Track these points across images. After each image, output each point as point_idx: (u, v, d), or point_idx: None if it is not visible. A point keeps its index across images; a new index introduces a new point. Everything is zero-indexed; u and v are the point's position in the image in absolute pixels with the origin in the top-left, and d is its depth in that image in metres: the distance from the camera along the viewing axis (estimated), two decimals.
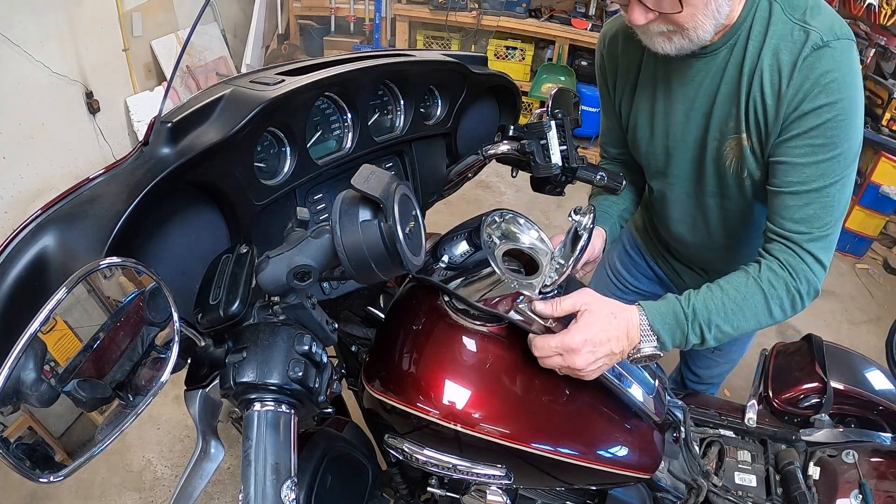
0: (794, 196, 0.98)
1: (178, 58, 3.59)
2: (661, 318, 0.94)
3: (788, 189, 0.99)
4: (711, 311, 0.95)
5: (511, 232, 0.97)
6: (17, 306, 0.59)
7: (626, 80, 1.19)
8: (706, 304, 0.95)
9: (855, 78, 0.93)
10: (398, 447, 0.96)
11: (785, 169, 0.99)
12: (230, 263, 0.71)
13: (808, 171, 0.96)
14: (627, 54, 1.17)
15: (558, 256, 0.91)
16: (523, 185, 2.64)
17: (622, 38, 1.17)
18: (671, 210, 1.28)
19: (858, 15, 3.46)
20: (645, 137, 1.20)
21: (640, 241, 1.56)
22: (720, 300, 0.96)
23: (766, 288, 0.97)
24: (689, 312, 0.95)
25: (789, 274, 0.98)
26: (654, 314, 0.94)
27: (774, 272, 0.98)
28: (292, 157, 0.92)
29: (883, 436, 1.22)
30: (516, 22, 3.90)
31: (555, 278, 0.89)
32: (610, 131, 1.33)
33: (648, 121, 1.17)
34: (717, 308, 0.95)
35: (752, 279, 0.98)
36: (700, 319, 0.95)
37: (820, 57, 0.92)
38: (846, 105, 0.92)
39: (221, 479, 1.96)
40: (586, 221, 0.86)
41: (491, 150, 1.18)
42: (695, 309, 0.95)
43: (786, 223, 0.99)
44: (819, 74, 0.92)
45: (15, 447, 0.54)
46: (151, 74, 3.42)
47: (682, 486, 1.11)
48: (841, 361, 1.37)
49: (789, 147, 0.98)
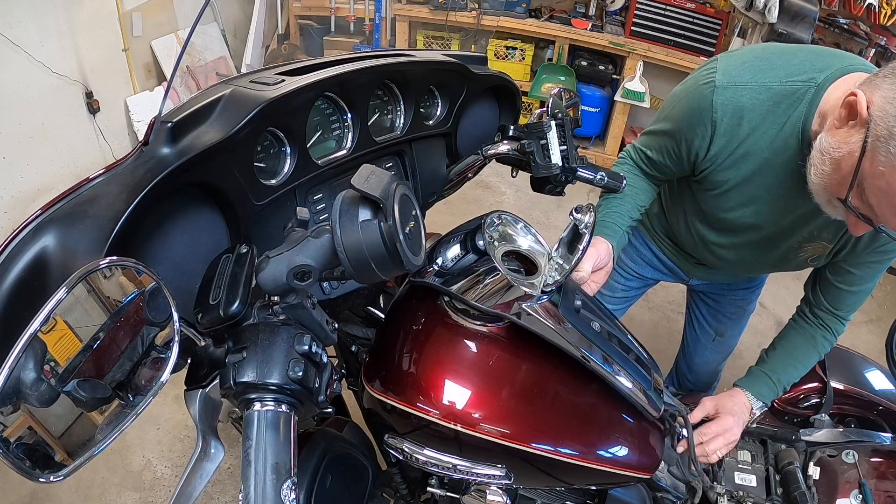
0: (852, 294, 1.19)
1: (178, 58, 3.59)
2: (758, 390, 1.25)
3: (850, 289, 1.19)
4: (789, 374, 1.25)
5: (508, 234, 0.98)
6: (17, 306, 0.59)
7: (741, 162, 1.08)
8: (786, 371, 1.25)
9: None
10: (398, 447, 0.96)
11: (853, 277, 1.17)
12: (230, 263, 0.71)
13: (868, 274, 1.16)
14: (763, 147, 1.05)
15: (556, 257, 0.91)
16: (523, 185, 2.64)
17: (765, 130, 1.04)
18: (717, 252, 1.33)
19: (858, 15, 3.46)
20: (730, 209, 1.17)
21: (645, 234, 1.56)
22: (793, 366, 1.26)
23: (820, 349, 1.26)
24: (776, 379, 1.24)
25: (833, 333, 1.25)
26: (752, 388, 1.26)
27: (826, 338, 1.25)
28: (292, 157, 0.92)
29: (883, 436, 1.22)
30: (516, 22, 3.90)
31: (556, 278, 0.89)
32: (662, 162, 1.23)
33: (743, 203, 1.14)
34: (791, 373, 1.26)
35: (811, 345, 1.26)
36: (783, 382, 1.25)
37: None
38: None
39: (221, 479, 1.96)
40: (587, 220, 0.86)
41: (491, 150, 1.18)
42: (780, 378, 1.25)
43: (837, 305, 1.22)
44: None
45: (15, 447, 0.54)
46: (151, 74, 3.42)
47: (682, 486, 1.11)
48: (841, 361, 1.37)
49: (864, 265, 1.14)
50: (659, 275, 1.59)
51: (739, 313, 1.62)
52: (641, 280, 1.61)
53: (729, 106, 1.04)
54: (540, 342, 0.90)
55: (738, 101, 1.03)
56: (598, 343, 0.93)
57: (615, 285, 1.62)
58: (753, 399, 1.23)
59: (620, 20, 3.86)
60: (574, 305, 0.96)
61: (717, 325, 1.63)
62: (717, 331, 1.63)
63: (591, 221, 0.86)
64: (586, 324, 0.95)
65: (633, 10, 3.68)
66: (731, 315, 1.61)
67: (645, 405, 0.94)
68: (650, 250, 1.56)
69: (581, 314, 0.96)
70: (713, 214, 1.22)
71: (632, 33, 3.74)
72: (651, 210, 1.48)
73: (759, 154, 1.06)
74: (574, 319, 0.93)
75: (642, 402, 0.94)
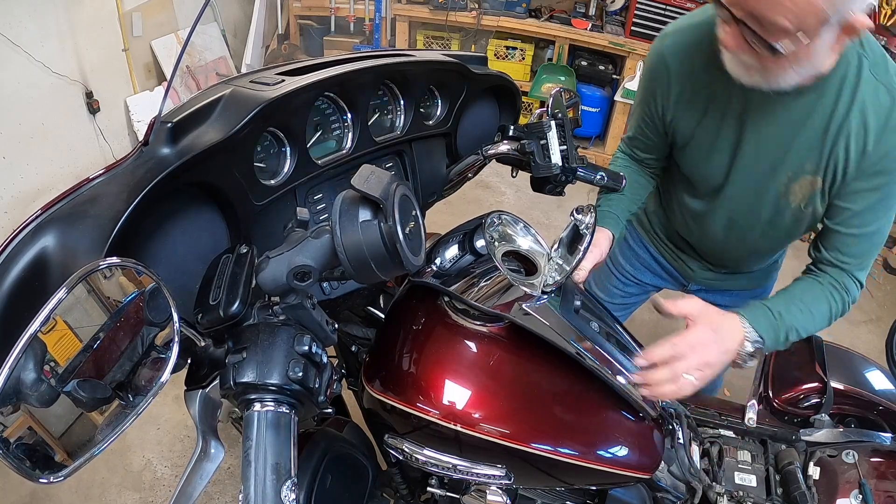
0: (853, 237, 1.09)
1: (178, 58, 3.59)
2: (755, 319, 1.03)
3: (849, 231, 1.09)
4: (795, 318, 1.06)
5: (507, 234, 0.98)
6: (17, 306, 0.59)
7: (694, 99, 1.13)
8: (789, 311, 1.06)
9: None
10: (398, 447, 0.96)
11: (850, 214, 1.07)
12: (230, 263, 0.71)
13: (870, 216, 1.07)
14: (704, 74, 1.10)
15: (556, 257, 0.91)
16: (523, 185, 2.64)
17: (700, 57, 1.09)
18: (709, 225, 1.30)
19: None
20: (704, 159, 1.18)
21: (644, 236, 1.56)
22: (798, 308, 1.07)
23: (831, 301, 1.10)
24: (777, 315, 1.05)
25: (846, 292, 1.11)
26: (750, 316, 1.04)
27: (836, 290, 1.11)
28: (292, 157, 0.92)
29: (883, 436, 1.22)
30: (516, 22, 3.90)
31: (556, 278, 0.89)
32: (644, 134, 1.28)
33: (710, 145, 1.15)
34: (798, 318, 1.06)
35: (819, 292, 1.10)
36: (786, 324, 1.05)
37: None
38: None
39: (221, 479, 1.96)
40: (588, 220, 0.86)
41: (491, 150, 1.18)
42: (781, 314, 1.05)
43: (841, 256, 1.11)
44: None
45: (15, 447, 0.54)
46: (151, 74, 3.42)
47: (682, 486, 1.10)
48: (841, 361, 1.37)
49: (858, 196, 1.05)
50: (658, 280, 1.59)
51: None
52: (640, 286, 1.61)
53: (677, 49, 1.12)
54: (540, 342, 0.90)
55: (684, 41, 1.11)
56: (598, 343, 0.94)
57: (614, 291, 1.62)
58: (749, 328, 1.02)
59: (620, 20, 3.86)
60: (573, 306, 0.96)
61: None
62: None
63: (592, 222, 0.87)
64: (585, 324, 0.96)
65: (633, 10, 3.67)
66: None
67: (643, 405, 0.94)
68: (648, 252, 1.56)
69: (580, 314, 0.96)
70: (694, 176, 1.24)
71: (632, 33, 3.73)
72: (648, 208, 1.50)
73: (711, 86, 1.10)
74: (573, 319, 0.94)
75: (640, 402, 0.94)
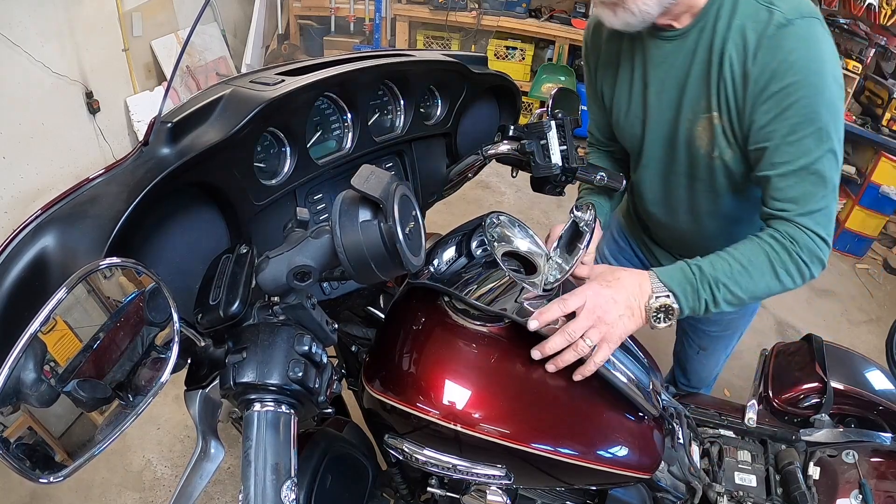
0: (782, 178, 0.99)
1: (178, 58, 3.59)
2: (668, 274, 0.97)
3: (775, 171, 1.00)
4: (718, 270, 0.97)
5: (506, 235, 0.97)
6: (17, 306, 0.59)
7: (608, 65, 1.22)
8: (712, 264, 0.97)
9: (821, 52, 0.95)
10: (398, 447, 0.96)
11: (769, 152, 1.00)
12: (230, 263, 0.71)
13: (791, 151, 0.98)
14: (610, 42, 1.20)
15: (555, 257, 0.91)
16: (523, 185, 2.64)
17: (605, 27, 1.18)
18: (646, 190, 1.30)
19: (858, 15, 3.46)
20: (622, 118, 1.23)
21: (625, 225, 1.58)
22: (725, 261, 0.98)
23: (770, 252, 0.99)
24: (696, 269, 0.97)
25: (791, 242, 0.99)
26: (661, 271, 0.97)
27: (777, 239, 1.00)
28: (292, 157, 0.92)
29: (883, 436, 1.22)
30: (516, 22, 3.90)
31: (557, 276, 0.89)
32: (594, 116, 1.36)
33: (626, 102, 1.21)
34: (722, 269, 0.97)
35: (755, 243, 1.00)
36: (708, 277, 0.96)
37: (784, 36, 0.94)
38: (815, 80, 0.94)
39: (221, 479, 1.96)
40: (588, 218, 0.86)
41: (491, 150, 1.18)
42: (700, 267, 0.97)
43: (778, 203, 1.01)
44: (785, 53, 0.94)
45: (15, 447, 0.54)
46: (151, 74, 3.42)
47: (681, 486, 1.10)
48: (841, 361, 1.37)
49: (768, 131, 0.99)
50: None
51: (721, 332, 1.55)
52: None
53: (592, 27, 1.25)
54: (539, 342, 0.90)
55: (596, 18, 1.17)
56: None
57: None
58: (656, 281, 0.96)
59: None
60: None
61: (699, 340, 1.59)
62: (699, 346, 1.60)
63: (592, 220, 0.86)
64: None
65: None
66: (712, 333, 1.56)
67: (643, 405, 0.94)
68: (630, 248, 1.58)
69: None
70: (625, 141, 1.27)
71: None
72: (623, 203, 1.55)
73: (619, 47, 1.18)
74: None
75: (641, 402, 0.94)
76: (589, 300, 0.91)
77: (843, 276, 3.48)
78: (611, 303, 0.92)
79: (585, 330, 0.89)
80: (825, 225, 1.00)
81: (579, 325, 0.89)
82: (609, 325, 0.91)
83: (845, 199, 3.69)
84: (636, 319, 0.95)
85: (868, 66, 3.56)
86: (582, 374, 0.91)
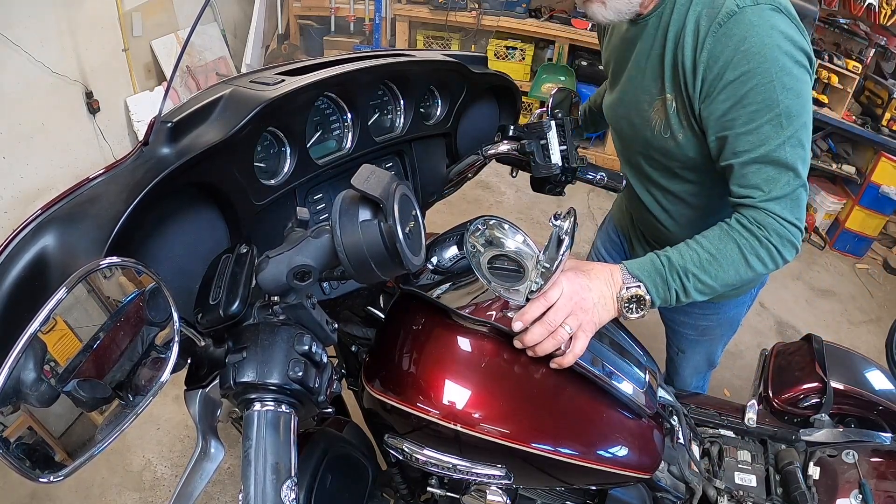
0: (744, 165, 1.00)
1: (178, 58, 3.59)
2: (638, 265, 0.98)
3: (737, 160, 1.00)
4: (686, 260, 0.98)
5: (496, 237, 0.97)
6: (17, 306, 0.59)
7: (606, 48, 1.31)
8: (681, 254, 0.98)
9: (775, 38, 0.93)
10: (398, 447, 0.96)
11: (729, 141, 1.00)
12: (230, 263, 0.71)
13: (750, 139, 0.98)
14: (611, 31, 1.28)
15: (543, 260, 0.90)
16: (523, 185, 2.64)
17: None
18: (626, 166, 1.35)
19: (858, 15, 3.46)
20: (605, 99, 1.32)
21: (617, 219, 1.61)
22: (694, 251, 0.98)
23: (738, 238, 0.99)
24: (665, 260, 0.98)
25: (759, 227, 0.99)
26: (631, 263, 0.99)
27: (744, 226, 1.00)
28: (292, 157, 0.92)
29: (883, 436, 1.22)
30: (516, 22, 3.90)
31: (541, 283, 0.88)
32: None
33: (608, 84, 1.31)
34: (691, 258, 0.98)
35: (724, 231, 1.00)
36: (676, 267, 0.97)
37: (735, 23, 0.94)
38: (770, 67, 0.93)
39: (221, 479, 1.96)
40: (567, 226, 0.85)
41: (491, 150, 1.18)
42: (669, 258, 0.98)
43: (743, 190, 1.01)
44: (736, 42, 0.94)
45: (15, 447, 0.54)
46: (151, 74, 3.43)
47: (681, 486, 1.10)
48: (841, 361, 1.37)
49: (727, 119, 0.99)
50: None
51: (698, 336, 1.52)
52: None
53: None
54: None
55: None
56: (591, 346, 0.93)
57: None
58: (626, 273, 0.97)
59: None
60: None
61: (678, 341, 1.57)
62: (678, 347, 1.58)
63: (571, 227, 0.86)
64: None
65: None
66: (689, 336, 1.53)
67: (638, 403, 0.94)
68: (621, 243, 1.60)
69: None
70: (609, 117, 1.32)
71: None
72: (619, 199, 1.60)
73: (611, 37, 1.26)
74: None
75: (634, 401, 0.94)
76: (566, 287, 0.91)
77: (843, 277, 3.48)
78: (586, 290, 0.93)
79: (565, 318, 0.90)
80: (793, 209, 0.99)
81: (558, 313, 0.90)
82: (586, 311, 0.92)
83: (845, 199, 3.69)
84: (609, 309, 0.95)
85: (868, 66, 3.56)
86: (559, 364, 0.91)
